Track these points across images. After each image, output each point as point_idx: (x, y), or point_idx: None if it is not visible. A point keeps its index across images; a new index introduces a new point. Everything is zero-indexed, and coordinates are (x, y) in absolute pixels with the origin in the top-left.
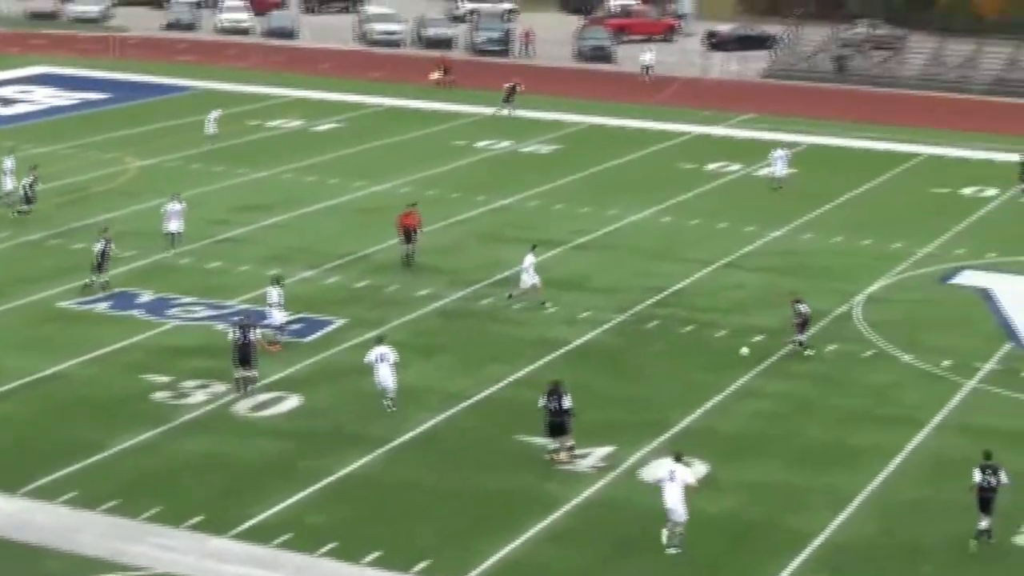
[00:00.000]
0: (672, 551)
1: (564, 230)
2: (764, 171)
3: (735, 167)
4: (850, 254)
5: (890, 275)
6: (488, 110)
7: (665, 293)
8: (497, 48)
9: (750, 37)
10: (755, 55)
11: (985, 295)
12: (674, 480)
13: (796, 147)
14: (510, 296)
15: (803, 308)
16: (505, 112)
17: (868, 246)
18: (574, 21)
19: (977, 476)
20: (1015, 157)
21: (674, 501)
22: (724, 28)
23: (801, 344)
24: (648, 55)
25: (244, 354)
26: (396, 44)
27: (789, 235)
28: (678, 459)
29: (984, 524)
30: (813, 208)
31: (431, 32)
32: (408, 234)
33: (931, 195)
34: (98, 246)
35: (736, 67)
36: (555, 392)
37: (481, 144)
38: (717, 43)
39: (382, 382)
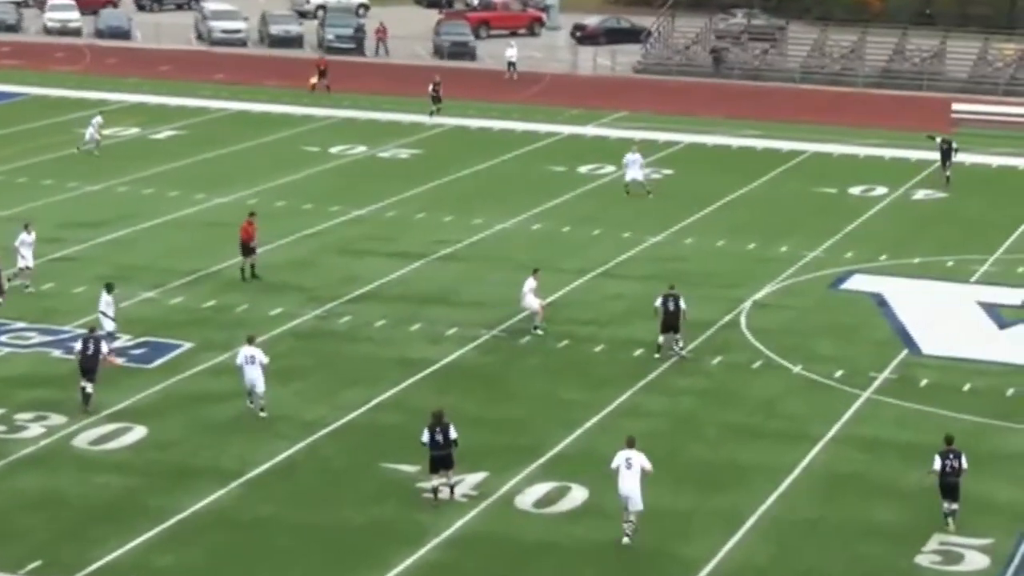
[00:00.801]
0: (626, 541)
1: (426, 241)
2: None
3: (609, 169)
4: (735, 259)
5: (777, 280)
6: (341, 113)
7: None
8: (349, 46)
9: (620, 30)
10: (626, 49)
11: (878, 300)
12: (631, 467)
13: (673, 146)
14: (536, 328)
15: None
16: (429, 114)
17: (753, 250)
18: (431, 15)
19: (938, 463)
20: (904, 153)
21: (629, 489)
22: (592, 20)
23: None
24: (512, 50)
25: (89, 365)
26: (240, 43)
27: (669, 240)
28: (631, 445)
29: (950, 506)
30: (693, 211)
31: (276, 30)
32: (244, 247)
33: (818, 195)
34: None
35: (607, 62)
36: (439, 423)
37: (335, 150)
38: (585, 36)
39: (251, 384)
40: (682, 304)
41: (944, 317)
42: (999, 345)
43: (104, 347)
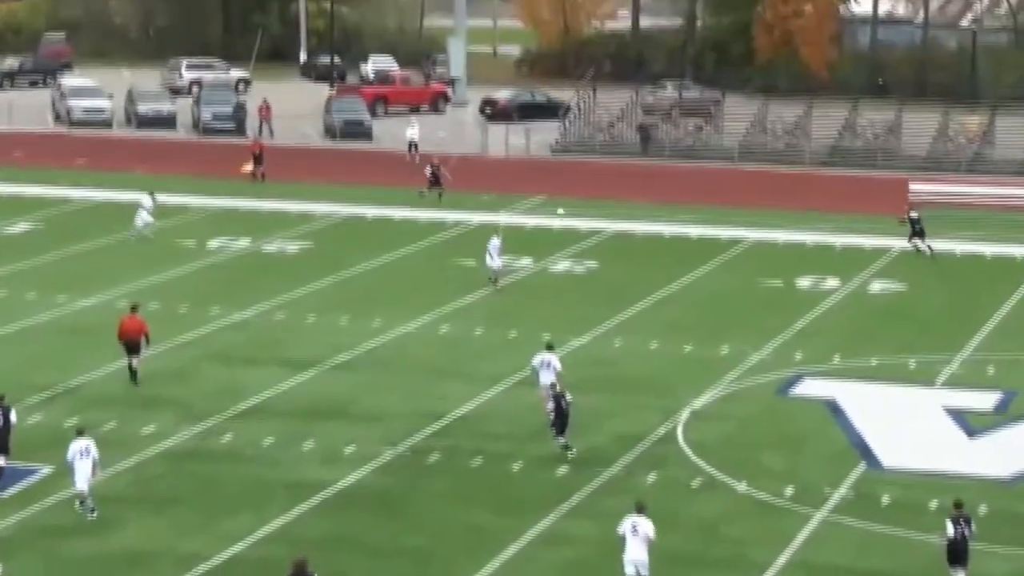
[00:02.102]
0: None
1: (319, 346)
2: (559, 266)
3: (525, 262)
4: (669, 363)
5: (718, 386)
6: (220, 202)
7: (447, 420)
8: (228, 127)
9: (535, 105)
10: (543, 126)
11: (831, 407)
12: (637, 533)
13: (597, 235)
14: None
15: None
16: (427, 192)
17: (690, 352)
18: (321, 91)
19: (950, 530)
20: (858, 240)
21: (637, 553)
22: (503, 95)
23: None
24: (413, 130)
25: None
26: (104, 124)
27: (595, 342)
28: (640, 511)
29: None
30: (622, 308)
31: (145, 109)
32: (131, 347)
33: (761, 289)
34: None
35: (520, 141)
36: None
37: (214, 243)
38: (496, 113)
39: (80, 484)
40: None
41: (906, 425)
42: (969, 456)
43: (13, 416)
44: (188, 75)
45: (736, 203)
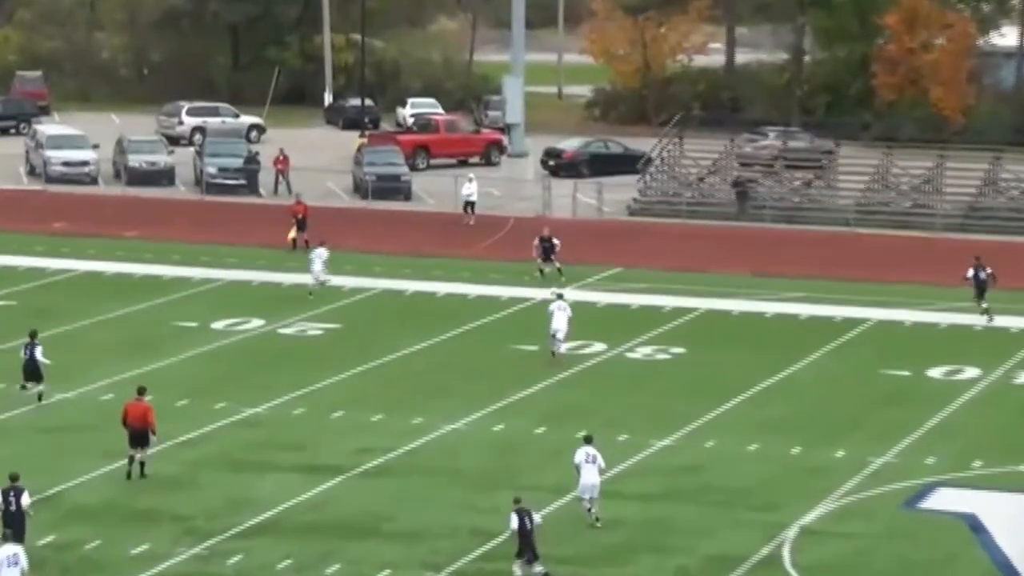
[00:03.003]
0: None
1: (346, 449)
2: (639, 352)
3: (597, 347)
4: (773, 468)
5: (832, 498)
6: (228, 274)
7: (500, 539)
8: (238, 182)
9: (609, 156)
10: (618, 182)
11: (971, 523)
12: (593, 463)
13: (685, 315)
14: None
15: None
16: (547, 269)
17: (798, 456)
18: (349, 139)
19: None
20: (1002, 321)
21: (593, 479)
22: (570, 144)
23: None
24: (471, 186)
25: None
26: (88, 180)
27: (683, 444)
28: (589, 441)
29: None
30: (713, 403)
31: (137, 161)
32: (137, 437)
33: (884, 379)
34: None
35: (591, 200)
36: None
37: (220, 325)
38: (562, 166)
39: None
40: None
41: None
42: None
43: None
44: (189, 121)
45: (853, 276)
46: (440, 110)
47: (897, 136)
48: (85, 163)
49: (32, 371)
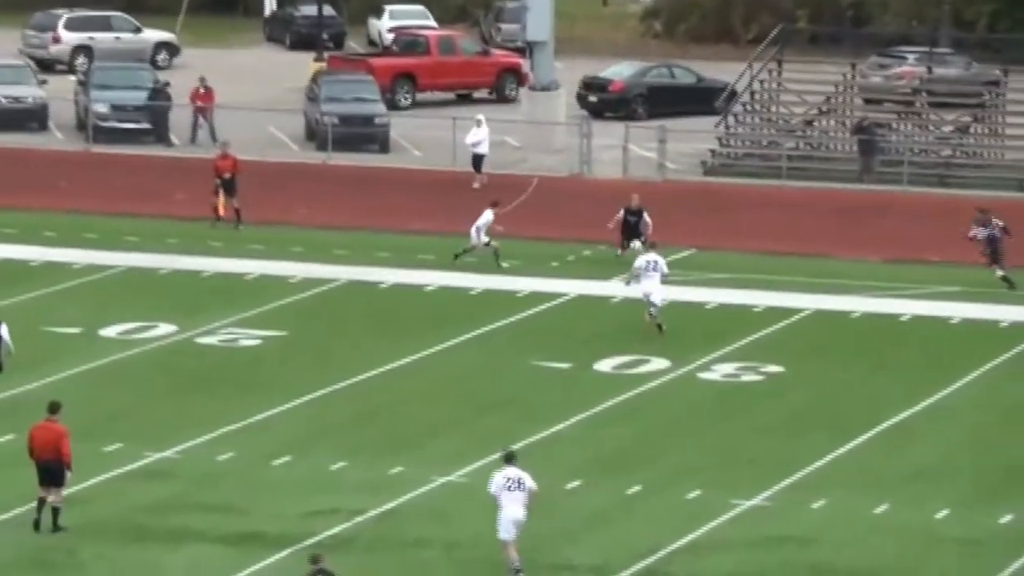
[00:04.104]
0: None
1: (294, 512)
2: (716, 371)
3: (658, 365)
4: (913, 541)
5: None
6: (124, 257)
7: None
8: (139, 126)
9: (676, 89)
10: (689, 127)
11: None
12: (519, 489)
13: (787, 317)
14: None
15: None
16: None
17: (946, 522)
18: (300, 64)
19: None
20: None
21: (518, 513)
22: (621, 72)
23: None
24: (479, 132)
25: None
26: None
27: (782, 504)
28: (511, 460)
29: None
30: (827, 445)
31: None
32: (47, 472)
33: None
34: None
35: (648, 153)
36: None
37: (112, 332)
38: (607, 102)
39: None
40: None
41: None
42: None
43: None
44: (69, 37)
45: None
46: (432, 22)
47: None
48: None
49: None
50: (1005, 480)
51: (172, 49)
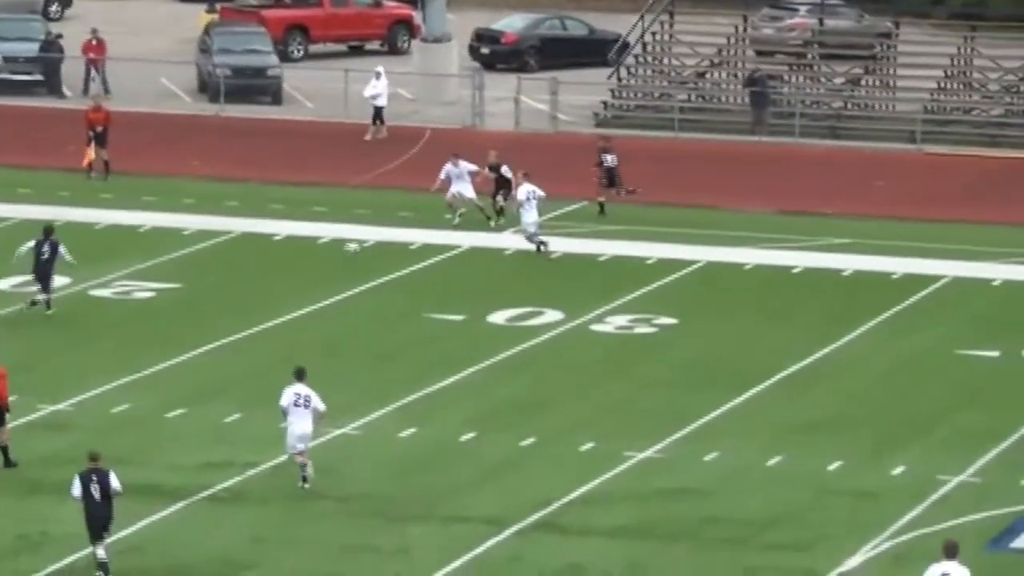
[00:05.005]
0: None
1: (188, 463)
2: (610, 323)
3: (551, 317)
4: (802, 493)
5: (885, 535)
6: (6, 211)
7: None
8: (30, 77)
9: (568, 41)
10: (581, 79)
11: None
12: (307, 406)
13: (675, 269)
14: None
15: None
16: (497, 205)
17: (837, 474)
18: (192, 15)
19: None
20: None
21: (306, 427)
22: (513, 24)
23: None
24: (378, 84)
25: None
26: None
27: (674, 456)
28: (301, 376)
29: None
30: (718, 398)
31: None
32: None
33: (963, 362)
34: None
35: (540, 105)
36: None
37: (4, 285)
38: (500, 54)
39: None
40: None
41: None
42: None
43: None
44: None
45: (920, 214)
46: None
47: (984, 14)
48: None
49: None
50: (898, 432)
51: (64, 0)
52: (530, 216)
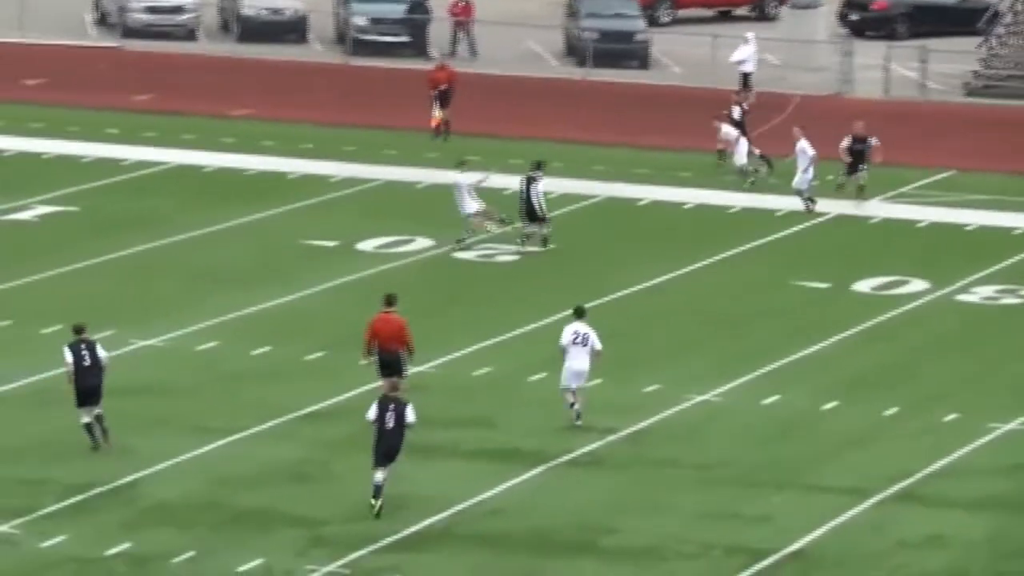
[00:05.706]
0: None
1: (551, 427)
2: (971, 295)
3: (917, 286)
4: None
5: None
6: (374, 172)
7: (771, 560)
8: (398, 39)
9: (941, 8)
10: (952, 47)
11: None
12: (584, 344)
13: None
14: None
15: None
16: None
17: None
18: None
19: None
20: None
21: (582, 364)
22: None
23: None
24: (746, 48)
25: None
26: (184, 33)
27: None
28: (581, 315)
29: None
30: None
31: (254, 8)
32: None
33: None
34: None
35: (911, 73)
36: None
37: (368, 245)
38: (869, 21)
39: None
40: None
41: None
42: None
43: None
44: None
45: None
46: None
47: None
48: (179, 9)
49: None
50: None
51: None
52: (805, 176)
